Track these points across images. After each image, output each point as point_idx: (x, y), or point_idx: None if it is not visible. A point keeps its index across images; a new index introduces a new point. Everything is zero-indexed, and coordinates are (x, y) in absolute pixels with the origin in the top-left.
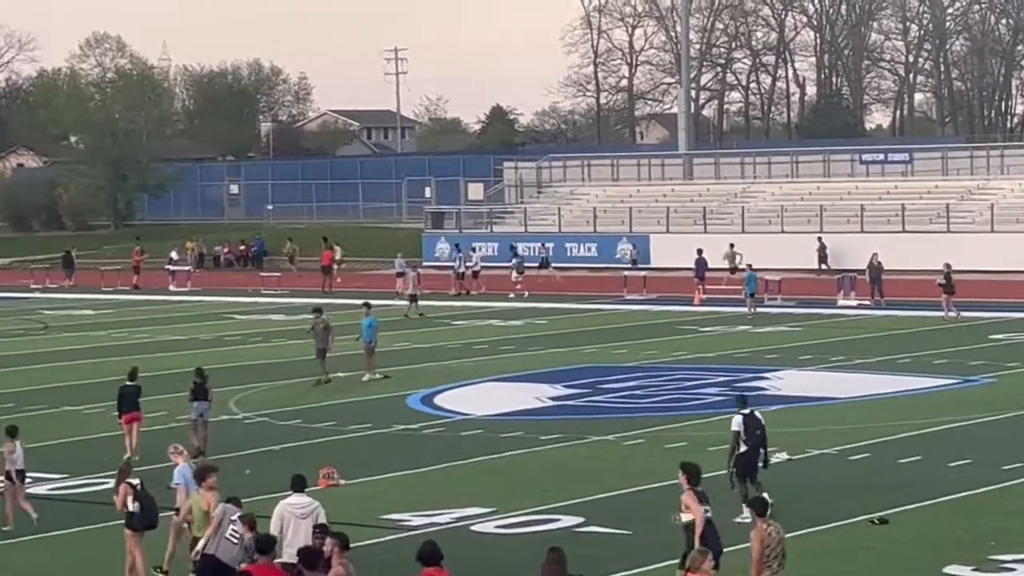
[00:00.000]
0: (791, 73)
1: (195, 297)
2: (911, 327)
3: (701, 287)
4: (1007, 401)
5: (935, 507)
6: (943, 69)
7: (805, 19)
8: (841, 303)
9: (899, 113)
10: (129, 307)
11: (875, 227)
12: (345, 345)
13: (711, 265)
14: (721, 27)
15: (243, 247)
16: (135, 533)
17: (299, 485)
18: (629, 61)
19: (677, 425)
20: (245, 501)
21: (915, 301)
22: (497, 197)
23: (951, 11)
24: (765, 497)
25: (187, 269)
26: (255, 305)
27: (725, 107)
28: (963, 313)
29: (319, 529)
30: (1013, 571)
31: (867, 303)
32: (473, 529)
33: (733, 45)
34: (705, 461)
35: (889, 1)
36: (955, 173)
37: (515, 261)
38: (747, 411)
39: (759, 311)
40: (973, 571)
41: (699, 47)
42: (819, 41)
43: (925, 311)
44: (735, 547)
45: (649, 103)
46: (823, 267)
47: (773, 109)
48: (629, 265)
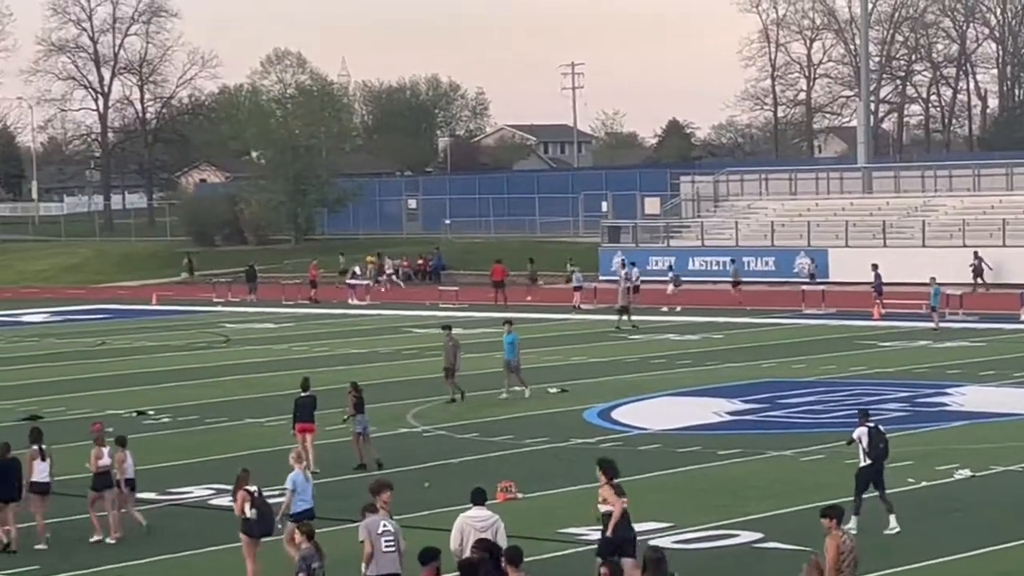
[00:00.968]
0: (972, 85)
1: (374, 311)
2: None
3: (880, 302)
4: None
5: None
6: None
7: (987, 31)
8: None
9: None
10: (309, 321)
11: None
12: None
13: (888, 279)
14: (901, 39)
15: (421, 261)
16: (251, 540)
17: (479, 498)
18: (807, 74)
19: None
20: (425, 514)
21: None
22: (674, 211)
23: None
24: (842, 507)
25: (366, 283)
26: (433, 319)
27: (905, 120)
28: None
29: (480, 544)
30: None
31: None
32: (653, 542)
33: (913, 57)
34: (885, 476)
35: None
36: None
37: (671, 275)
38: (871, 424)
39: (942, 326)
40: None
41: (878, 60)
42: (1001, 53)
43: None
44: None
45: (827, 116)
46: (979, 281)
47: (954, 122)
48: (807, 279)
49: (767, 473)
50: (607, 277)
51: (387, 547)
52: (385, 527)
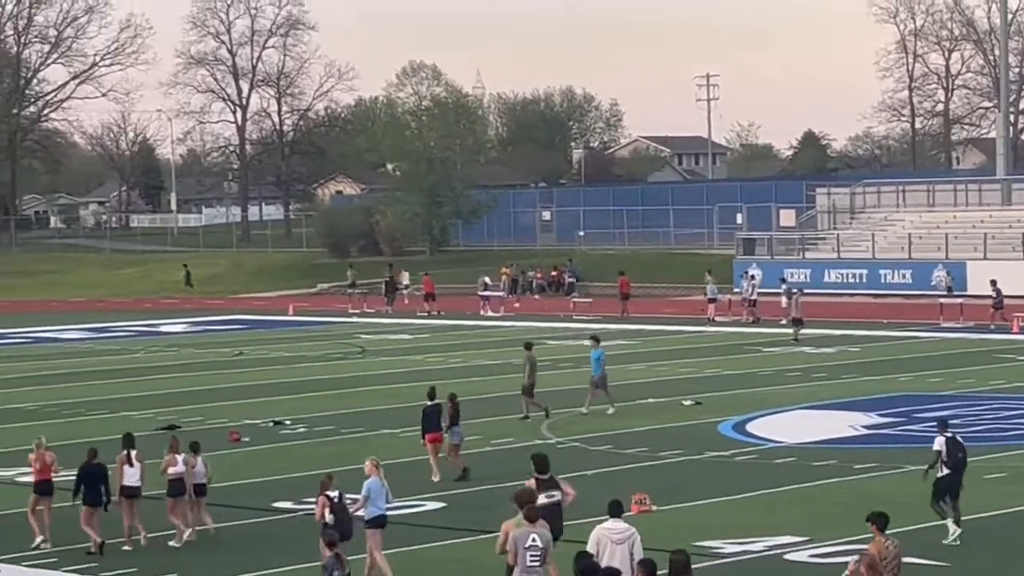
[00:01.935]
0: None
1: (508, 322)
2: None
3: (999, 315)
4: None
5: None
6: None
7: None
8: None
9: None
10: (444, 332)
11: None
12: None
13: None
14: None
15: (555, 273)
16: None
17: (616, 510)
18: (945, 85)
19: (995, 455)
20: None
21: None
22: (809, 223)
23: None
24: (887, 513)
25: (501, 295)
26: (567, 330)
27: None
28: None
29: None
30: None
31: None
32: (787, 558)
33: None
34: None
35: None
36: None
37: (784, 287)
38: (949, 435)
39: None
40: None
41: (1018, 70)
42: None
43: None
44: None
45: (966, 128)
46: None
47: None
48: (944, 292)
49: (904, 487)
50: (741, 289)
51: (532, 561)
52: (533, 541)
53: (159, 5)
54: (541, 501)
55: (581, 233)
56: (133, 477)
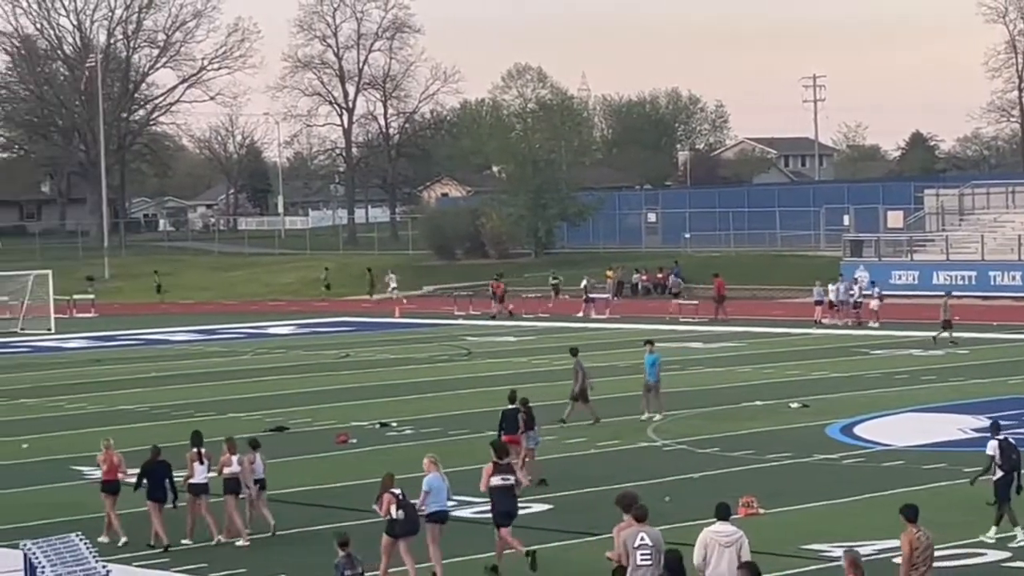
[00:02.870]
0: None
1: (613, 325)
2: None
3: None
4: None
5: None
6: None
7: None
8: None
9: None
10: (550, 334)
11: None
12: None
13: None
14: None
15: (660, 275)
16: (393, 540)
17: (724, 513)
18: None
19: None
20: (665, 528)
21: None
22: (917, 225)
23: None
24: (916, 505)
25: (606, 297)
26: (673, 333)
27: None
28: None
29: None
30: None
31: None
32: (896, 561)
33: None
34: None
35: None
36: None
37: (875, 290)
38: (1001, 437)
39: None
40: None
41: None
42: None
43: None
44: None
45: None
46: None
47: None
48: None
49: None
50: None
51: (643, 560)
52: (642, 540)
53: (266, 9)
54: (495, 482)
55: (687, 235)
56: (202, 474)
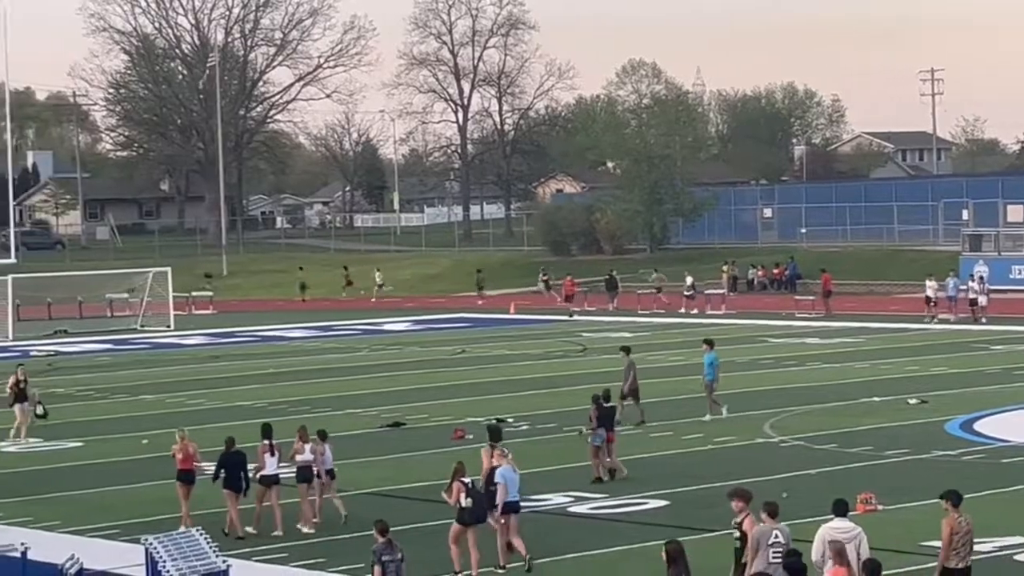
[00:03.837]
0: None
1: (729, 320)
2: None
3: None
4: None
5: None
6: None
7: None
8: None
9: None
10: (665, 330)
11: None
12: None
13: None
14: None
15: (777, 270)
16: (464, 528)
17: (842, 509)
18: None
19: None
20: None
21: None
22: None
23: None
24: (959, 491)
25: (721, 292)
26: (789, 328)
27: None
28: None
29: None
30: None
31: None
32: (1017, 559)
33: None
34: None
35: None
36: None
37: (982, 285)
38: None
39: None
40: None
41: None
42: None
43: None
44: None
45: None
46: None
47: None
48: None
49: None
50: (964, 287)
51: (774, 558)
52: (776, 537)
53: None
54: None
55: (803, 230)
56: (272, 466)
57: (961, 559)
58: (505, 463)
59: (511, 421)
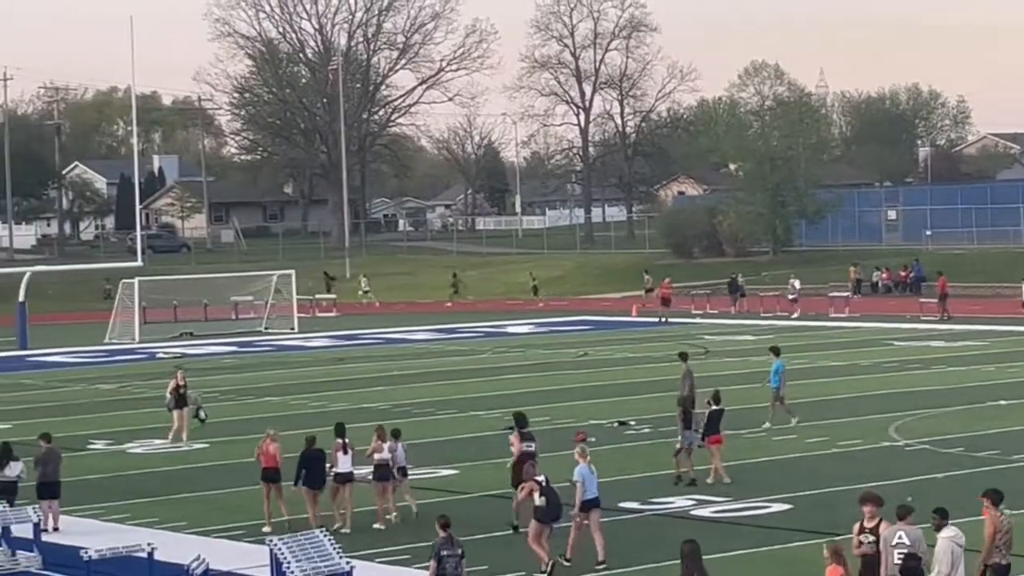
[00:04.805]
0: None
1: (853, 323)
2: None
3: None
4: None
5: None
6: None
7: None
8: None
9: None
10: (789, 332)
11: None
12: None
13: None
14: None
15: (903, 273)
16: (541, 525)
17: (944, 515)
18: None
19: None
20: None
21: None
22: None
23: None
24: (1000, 490)
25: (846, 295)
26: (914, 331)
27: None
28: None
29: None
30: None
31: None
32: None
33: None
34: None
35: None
36: None
37: None
38: None
39: None
40: None
41: None
42: None
43: None
44: None
45: None
46: None
47: None
48: None
49: None
50: None
51: (898, 559)
52: (900, 539)
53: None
54: (524, 448)
55: (928, 232)
56: (346, 464)
57: (1003, 556)
58: (583, 462)
59: (633, 424)
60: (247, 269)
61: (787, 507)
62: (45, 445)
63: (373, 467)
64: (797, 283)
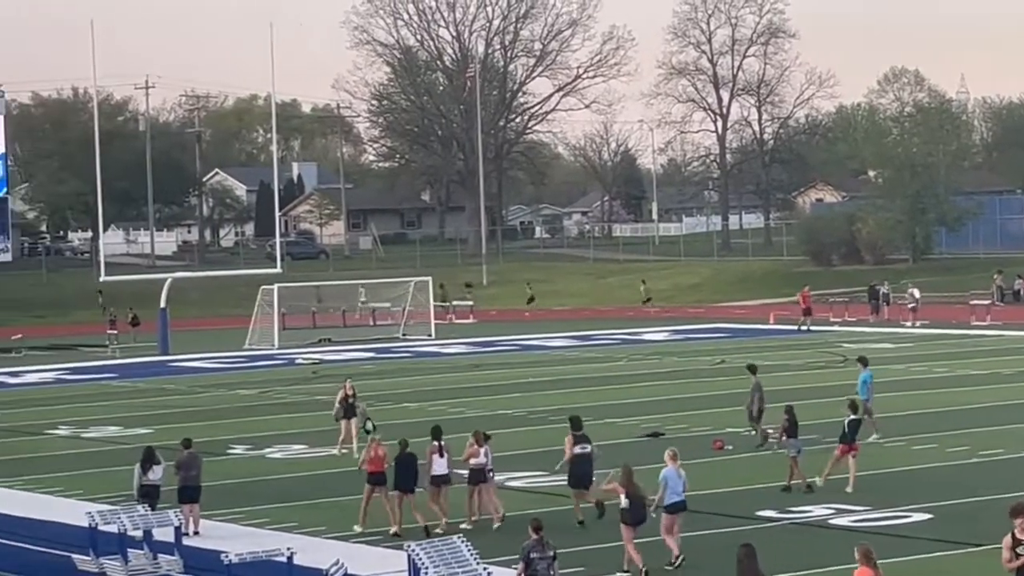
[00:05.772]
0: None
1: (995, 332)
2: None
3: None
4: None
5: None
6: None
7: None
8: None
9: None
10: (928, 341)
11: None
12: None
13: None
14: None
15: None
16: (629, 528)
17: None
18: None
19: None
20: None
21: None
22: None
23: None
24: None
25: (988, 303)
26: None
27: None
28: None
29: None
30: None
31: None
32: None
33: None
34: None
35: None
36: None
37: None
38: None
39: None
40: None
41: None
42: None
43: None
44: None
45: None
46: None
47: None
48: None
49: None
50: None
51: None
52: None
53: (641, 16)
54: (576, 451)
55: None
56: (442, 467)
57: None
58: (673, 465)
59: (771, 432)
60: (384, 276)
61: (927, 516)
62: (186, 450)
63: (468, 471)
64: (916, 292)
